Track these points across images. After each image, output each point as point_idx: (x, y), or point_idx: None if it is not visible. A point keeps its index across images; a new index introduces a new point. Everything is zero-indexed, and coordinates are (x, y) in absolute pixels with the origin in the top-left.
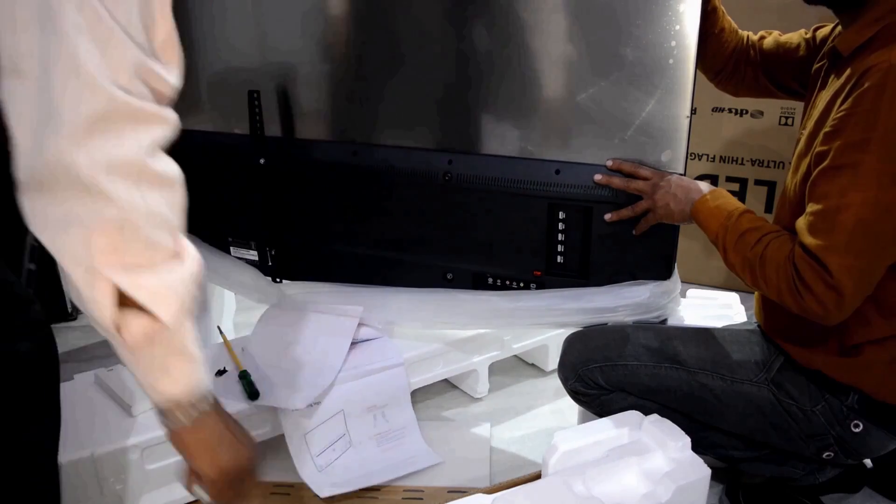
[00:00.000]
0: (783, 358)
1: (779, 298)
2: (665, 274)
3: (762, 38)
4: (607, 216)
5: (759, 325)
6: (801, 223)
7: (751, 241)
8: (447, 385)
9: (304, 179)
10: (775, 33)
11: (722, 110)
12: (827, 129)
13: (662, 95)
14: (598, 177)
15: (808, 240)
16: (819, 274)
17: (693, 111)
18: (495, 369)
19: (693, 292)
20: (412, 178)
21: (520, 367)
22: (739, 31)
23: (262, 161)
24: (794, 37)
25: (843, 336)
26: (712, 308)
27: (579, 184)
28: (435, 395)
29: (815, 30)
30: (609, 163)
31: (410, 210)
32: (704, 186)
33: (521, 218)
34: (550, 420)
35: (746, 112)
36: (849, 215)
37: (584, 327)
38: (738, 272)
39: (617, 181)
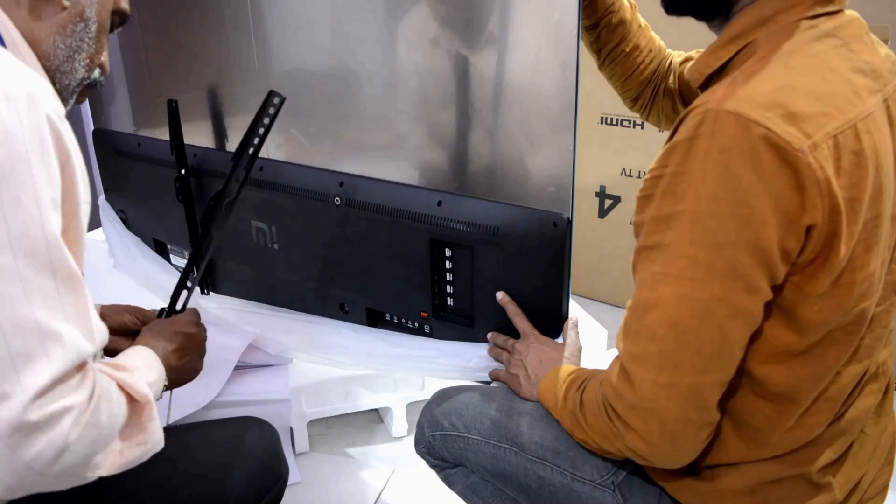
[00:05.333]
0: None
1: (610, 447)
2: (552, 334)
3: (687, 60)
4: (498, 295)
5: None
6: (622, 323)
7: (571, 392)
8: (377, 418)
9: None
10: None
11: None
12: (639, 192)
13: (543, 126)
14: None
15: (620, 344)
16: (629, 394)
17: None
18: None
19: None
20: (309, 200)
21: None
22: (666, 50)
23: (182, 171)
24: None
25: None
26: None
27: (461, 219)
28: (352, 426)
29: None
30: (499, 295)
31: (310, 234)
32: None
33: (406, 252)
34: None
35: None
36: (658, 316)
37: (469, 384)
38: (577, 439)
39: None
